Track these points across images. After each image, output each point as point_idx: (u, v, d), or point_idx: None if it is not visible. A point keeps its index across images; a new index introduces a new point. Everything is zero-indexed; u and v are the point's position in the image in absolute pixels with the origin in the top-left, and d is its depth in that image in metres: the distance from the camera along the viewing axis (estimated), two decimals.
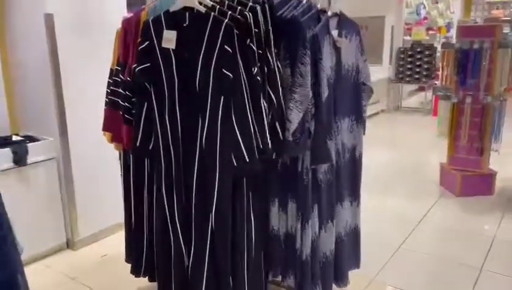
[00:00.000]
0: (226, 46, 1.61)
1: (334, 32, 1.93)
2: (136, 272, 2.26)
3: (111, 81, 2.09)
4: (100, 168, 2.93)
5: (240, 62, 1.64)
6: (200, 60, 1.67)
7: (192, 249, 1.84)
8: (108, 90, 2.11)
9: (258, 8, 1.71)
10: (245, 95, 1.65)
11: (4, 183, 2.58)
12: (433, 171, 4.34)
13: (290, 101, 1.80)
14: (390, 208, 3.66)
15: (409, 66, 8.11)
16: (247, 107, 1.65)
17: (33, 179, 2.74)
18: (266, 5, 1.74)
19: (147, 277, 2.27)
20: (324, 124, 1.86)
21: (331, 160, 1.94)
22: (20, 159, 2.62)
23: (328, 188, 2.02)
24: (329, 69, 1.91)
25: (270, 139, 1.75)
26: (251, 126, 1.66)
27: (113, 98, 2.07)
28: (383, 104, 8.05)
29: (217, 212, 1.75)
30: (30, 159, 2.70)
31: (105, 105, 2.15)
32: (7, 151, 2.59)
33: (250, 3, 1.72)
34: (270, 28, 1.75)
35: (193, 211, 1.80)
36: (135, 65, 1.79)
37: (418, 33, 8.44)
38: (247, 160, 1.67)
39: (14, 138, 2.80)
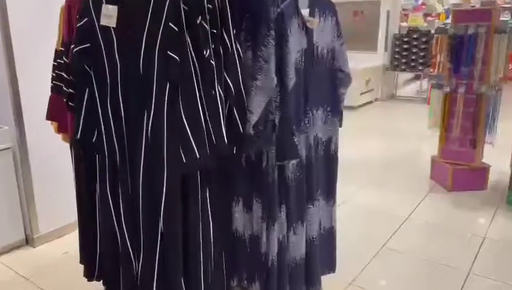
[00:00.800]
0: (171, 24, 1.38)
1: (305, 12, 1.70)
2: (88, 275, 2.06)
3: (55, 64, 1.87)
4: (61, 159, 2.68)
5: (189, 43, 1.42)
6: (144, 40, 1.44)
7: (141, 254, 1.64)
8: (54, 74, 1.89)
9: None
10: (194, 81, 1.42)
11: None
12: (424, 164, 4.13)
13: (251, 88, 1.58)
14: (376, 203, 3.46)
15: (404, 53, 7.85)
16: (197, 95, 1.43)
17: None
18: None
19: (101, 281, 2.07)
20: (290, 116, 1.64)
21: (299, 156, 1.72)
22: None
23: (297, 186, 1.81)
24: (298, 52, 1.68)
25: (227, 132, 1.54)
26: (201, 117, 1.44)
27: (57, 83, 1.85)
28: (377, 92, 7.82)
29: (166, 215, 1.54)
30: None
31: (51, 91, 1.92)
32: None
33: None
34: (228, 4, 1.52)
35: (140, 213, 1.59)
36: (73, 46, 1.56)
37: (415, 19, 8.17)
38: (198, 156, 1.45)
39: None
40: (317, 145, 1.92)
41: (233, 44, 1.55)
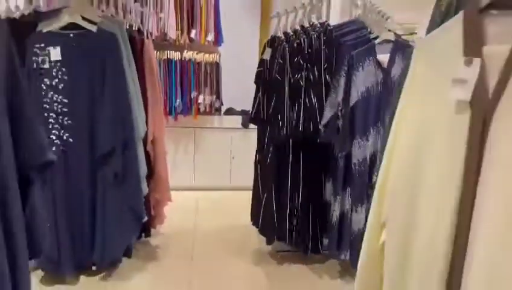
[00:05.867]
0: (280, 60, 2.56)
1: (383, 56, 2.42)
2: None
3: None
4: None
5: (289, 71, 2.54)
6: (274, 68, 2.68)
7: None
8: None
9: (315, 35, 2.52)
10: (286, 92, 2.54)
11: (235, 137, 4.30)
12: None
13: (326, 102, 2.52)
14: None
15: None
16: (286, 100, 2.54)
17: (252, 139, 4.30)
18: (321, 34, 2.52)
19: None
20: (346, 124, 2.44)
21: (344, 150, 2.47)
22: (244, 124, 4.25)
23: (360, 176, 2.53)
24: (370, 82, 2.43)
25: (306, 125, 2.57)
26: (287, 112, 2.54)
27: None
28: None
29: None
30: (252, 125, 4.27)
31: None
32: (238, 118, 4.28)
33: (312, 32, 2.55)
34: (323, 48, 2.52)
35: None
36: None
37: None
38: (281, 133, 2.57)
39: None
40: None
41: (322, 74, 2.53)
